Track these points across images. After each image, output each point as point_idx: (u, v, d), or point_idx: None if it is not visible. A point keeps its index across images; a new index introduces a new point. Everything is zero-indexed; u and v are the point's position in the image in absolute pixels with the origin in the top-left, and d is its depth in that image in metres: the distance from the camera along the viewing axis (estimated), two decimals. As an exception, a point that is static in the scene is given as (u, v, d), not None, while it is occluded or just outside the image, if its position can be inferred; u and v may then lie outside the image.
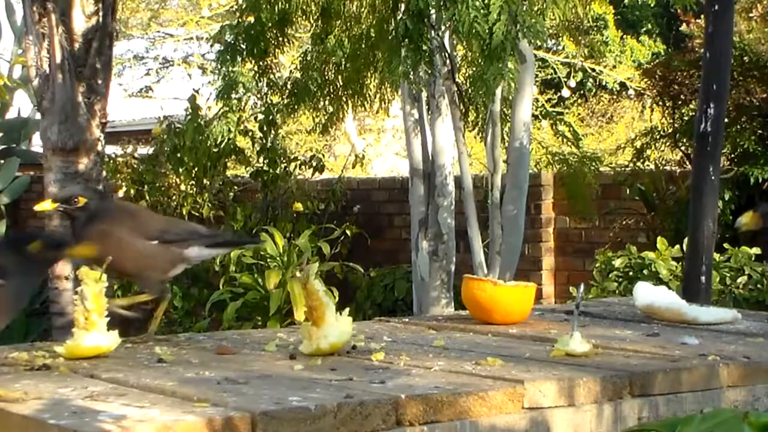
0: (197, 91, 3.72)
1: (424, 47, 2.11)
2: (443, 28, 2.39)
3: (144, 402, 0.82)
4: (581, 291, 1.12)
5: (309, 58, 2.75)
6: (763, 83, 2.86)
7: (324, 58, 2.63)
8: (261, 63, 2.70)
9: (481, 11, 1.92)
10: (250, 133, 3.56)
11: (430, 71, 2.53)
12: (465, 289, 1.27)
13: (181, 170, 3.49)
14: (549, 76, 5.23)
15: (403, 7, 2.13)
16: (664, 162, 3.24)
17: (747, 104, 2.87)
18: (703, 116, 1.77)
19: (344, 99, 2.73)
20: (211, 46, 3.91)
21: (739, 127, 2.83)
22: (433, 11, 2.15)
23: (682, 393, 0.97)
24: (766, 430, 0.57)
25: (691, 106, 3.00)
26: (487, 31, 1.91)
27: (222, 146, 3.43)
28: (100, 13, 2.28)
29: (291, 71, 3.09)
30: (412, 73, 2.16)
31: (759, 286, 2.39)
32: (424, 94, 2.86)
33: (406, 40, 2.07)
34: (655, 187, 2.97)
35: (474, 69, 2.19)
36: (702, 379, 0.99)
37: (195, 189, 3.55)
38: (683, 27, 3.29)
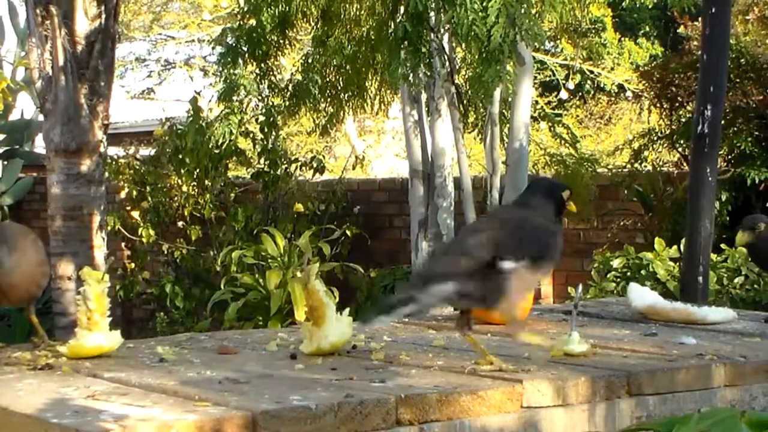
0: (199, 93, 3.73)
1: (423, 49, 2.12)
2: (442, 30, 2.40)
3: (146, 401, 0.83)
4: (579, 291, 1.13)
5: (310, 60, 2.76)
6: (760, 85, 2.86)
7: (324, 61, 2.64)
8: (262, 65, 2.72)
9: (480, 14, 1.92)
10: (251, 135, 3.57)
11: (429, 73, 2.54)
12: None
13: (182, 171, 3.50)
14: (548, 78, 5.25)
15: (402, 9, 2.14)
16: (661, 163, 3.25)
17: (743, 106, 2.88)
18: (700, 118, 1.77)
19: (344, 101, 2.74)
20: (213, 48, 3.92)
21: (735, 128, 2.84)
22: (432, 14, 2.16)
23: (679, 392, 0.98)
24: (763, 430, 0.58)
25: (689, 108, 2.99)
26: (485, 33, 1.92)
27: (223, 148, 3.44)
28: (103, 16, 2.29)
29: (292, 73, 3.10)
30: (411, 75, 2.17)
31: (756, 286, 2.40)
32: (423, 96, 2.87)
33: (406, 42, 2.08)
34: (653, 188, 2.98)
35: (473, 71, 2.20)
36: (699, 379, 1.00)
37: (196, 190, 3.56)
38: (681, 29, 3.30)
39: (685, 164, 2.99)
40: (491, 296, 0.89)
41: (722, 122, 1.97)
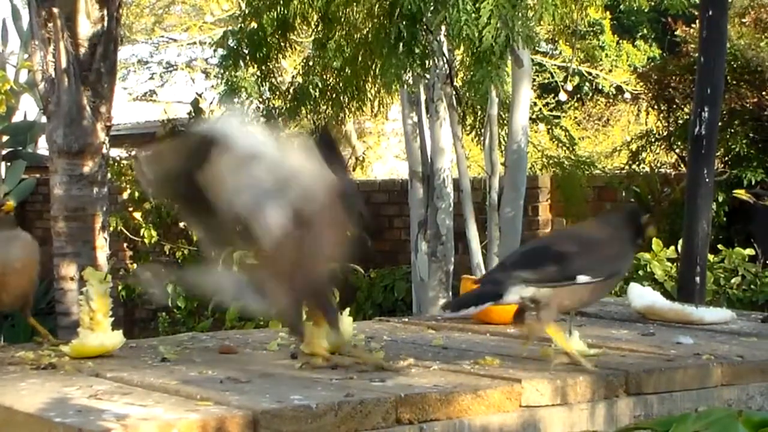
0: (200, 95, 3.74)
1: (417, 50, 2.12)
2: (440, 32, 2.41)
3: (148, 401, 0.83)
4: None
5: (310, 63, 2.77)
6: (755, 88, 2.88)
7: (324, 63, 2.65)
8: (263, 68, 2.72)
9: (472, 15, 1.93)
10: (252, 136, 3.56)
11: (423, 74, 2.55)
12: (463, 289, 1.29)
13: (183, 173, 3.48)
14: (546, 80, 5.26)
15: (398, 10, 2.14)
16: (659, 164, 3.26)
17: (739, 108, 2.89)
18: (697, 120, 1.78)
19: (344, 103, 2.75)
20: (214, 51, 3.93)
21: (732, 130, 2.85)
22: (429, 14, 2.17)
23: (676, 392, 0.99)
24: (759, 429, 0.58)
25: (686, 110, 3.01)
26: (476, 34, 1.93)
27: (224, 149, 3.43)
28: (105, 19, 2.30)
29: (293, 76, 3.11)
30: (405, 75, 2.18)
31: (752, 286, 2.41)
32: (423, 98, 2.88)
33: (400, 43, 2.09)
34: (651, 190, 2.99)
35: (470, 73, 2.21)
36: (696, 378, 1.00)
37: (198, 191, 3.54)
38: (678, 31, 3.31)
39: (682, 165, 3.00)
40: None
41: (719, 124, 1.98)
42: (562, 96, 4.90)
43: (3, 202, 1.06)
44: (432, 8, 2.06)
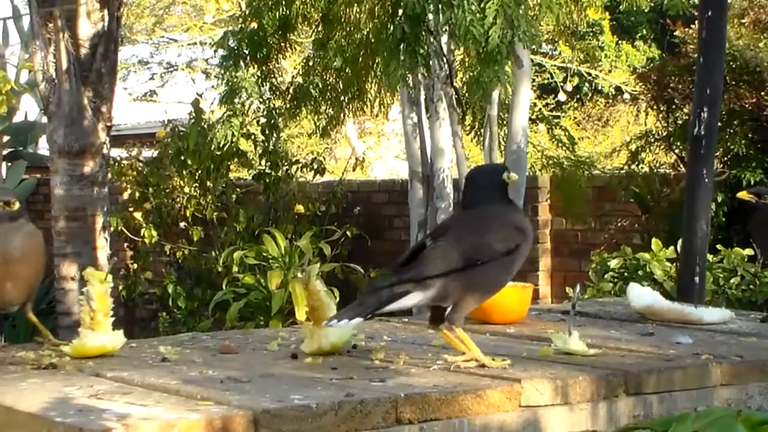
0: (201, 95, 3.75)
1: (421, 51, 2.13)
2: (441, 32, 2.41)
3: (148, 400, 0.84)
4: (578, 291, 1.14)
5: (310, 63, 2.78)
6: (754, 88, 2.88)
7: (325, 64, 2.66)
8: (263, 68, 2.73)
9: (477, 15, 1.94)
10: (253, 137, 3.59)
11: (427, 75, 2.55)
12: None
13: (184, 173, 3.51)
14: (546, 81, 5.26)
15: (401, 11, 2.16)
16: (658, 165, 3.26)
17: (738, 109, 2.90)
18: (696, 120, 1.79)
19: (344, 103, 2.76)
20: (215, 51, 3.95)
21: (731, 131, 2.86)
22: (430, 15, 2.18)
23: (676, 391, 0.99)
24: (759, 428, 0.59)
25: (685, 110, 3.01)
26: (482, 34, 1.94)
27: (225, 149, 3.46)
28: (105, 19, 2.30)
29: (293, 76, 3.11)
30: (408, 76, 2.18)
31: (751, 286, 2.42)
32: (423, 98, 2.89)
33: (403, 43, 2.10)
34: (650, 190, 3.00)
35: (471, 73, 2.22)
36: (696, 378, 1.01)
37: (198, 191, 3.57)
38: (678, 32, 3.32)
39: (681, 166, 3.01)
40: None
41: (718, 124, 1.99)
42: (562, 96, 4.90)
43: (8, 201, 1.06)
44: (435, 9, 2.07)
